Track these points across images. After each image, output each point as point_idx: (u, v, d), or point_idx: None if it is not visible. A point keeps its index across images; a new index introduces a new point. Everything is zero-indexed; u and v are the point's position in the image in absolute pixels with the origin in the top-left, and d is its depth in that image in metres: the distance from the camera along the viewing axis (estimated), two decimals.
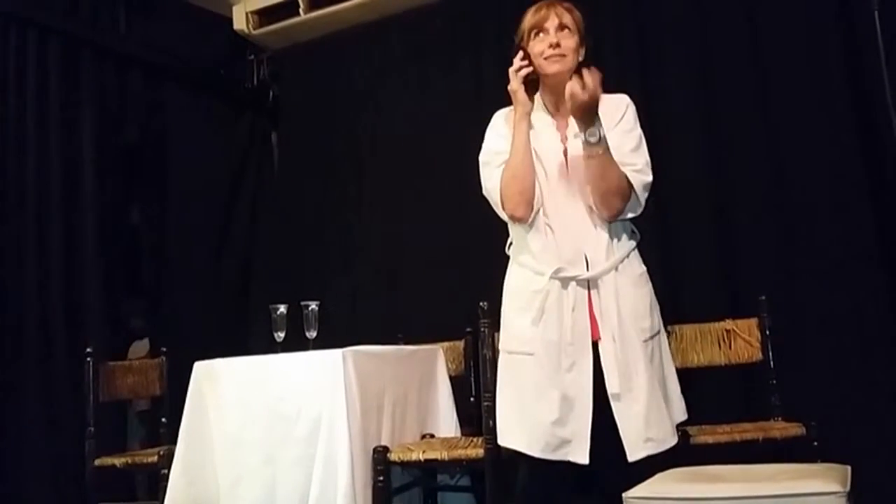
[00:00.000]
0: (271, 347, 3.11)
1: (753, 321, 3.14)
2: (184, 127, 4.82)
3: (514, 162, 2.19)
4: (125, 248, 4.43)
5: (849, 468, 2.05)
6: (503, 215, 2.25)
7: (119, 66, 4.46)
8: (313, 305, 3.14)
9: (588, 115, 2.09)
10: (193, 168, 4.81)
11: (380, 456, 2.75)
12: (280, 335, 3.12)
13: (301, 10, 4.76)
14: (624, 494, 2.10)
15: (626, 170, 2.15)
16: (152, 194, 4.72)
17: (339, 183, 4.80)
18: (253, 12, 4.92)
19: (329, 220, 4.80)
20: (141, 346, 4.85)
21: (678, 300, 3.64)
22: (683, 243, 3.76)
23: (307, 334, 3.12)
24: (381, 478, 2.73)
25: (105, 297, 4.11)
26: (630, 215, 2.20)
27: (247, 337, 4.66)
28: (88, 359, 3.35)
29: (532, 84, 2.20)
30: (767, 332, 3.10)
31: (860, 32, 3.43)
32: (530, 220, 2.21)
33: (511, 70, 2.20)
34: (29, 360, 3.77)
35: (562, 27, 2.20)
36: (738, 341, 3.14)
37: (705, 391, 3.48)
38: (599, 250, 2.17)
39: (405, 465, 2.82)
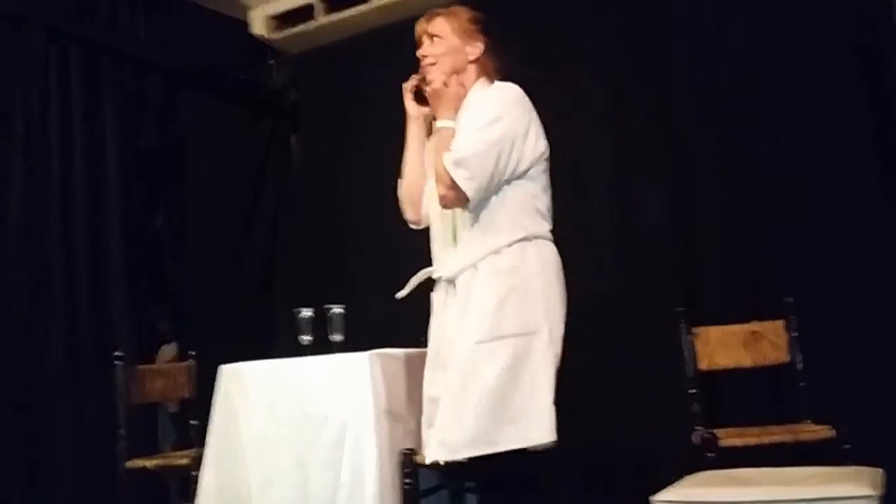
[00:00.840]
0: (297, 350, 3.13)
1: (780, 323, 3.12)
2: (204, 132, 4.85)
3: (403, 168, 2.37)
4: (150, 253, 4.47)
5: (881, 471, 2.04)
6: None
7: (139, 71, 4.49)
8: (337, 308, 3.16)
9: (437, 106, 2.22)
10: (214, 172, 4.86)
11: (407, 458, 2.75)
12: (305, 338, 3.13)
13: (318, 15, 4.79)
14: (651, 498, 2.11)
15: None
16: (174, 199, 4.76)
17: (359, 185, 4.81)
18: (271, 17, 4.96)
19: (351, 222, 4.82)
20: (169, 350, 4.90)
21: (703, 302, 3.64)
22: (707, 244, 3.75)
23: (332, 337, 3.14)
24: (409, 480, 2.74)
25: (132, 301, 4.14)
26: (466, 205, 2.13)
27: (272, 340, 4.70)
28: (118, 362, 3.39)
29: (420, 95, 2.36)
30: (795, 334, 3.08)
31: (879, 29, 3.41)
32: (421, 223, 2.35)
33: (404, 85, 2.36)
34: (58, 364, 3.81)
35: (430, 37, 2.30)
36: (764, 343, 3.13)
37: (732, 394, 3.48)
38: (462, 249, 2.18)
39: (432, 467, 2.83)
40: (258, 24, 4.97)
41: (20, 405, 3.65)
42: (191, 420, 3.59)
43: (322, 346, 3.10)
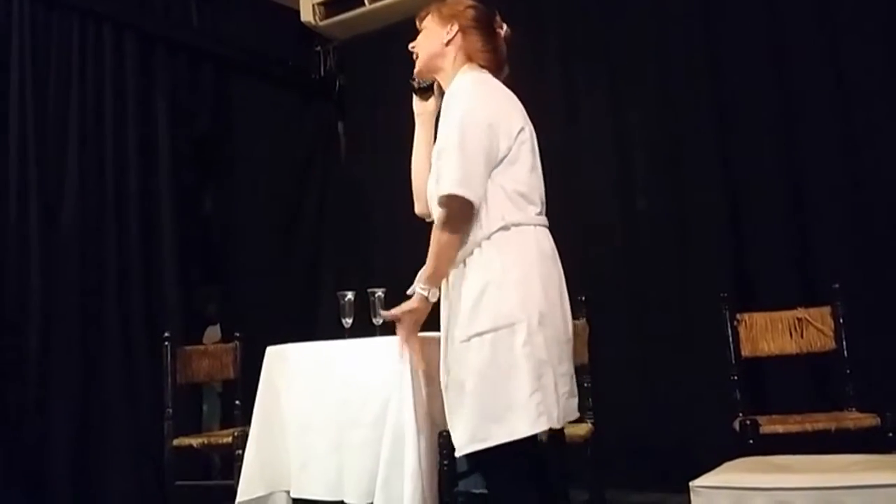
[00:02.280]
0: (339, 333, 3.16)
1: (826, 309, 3.06)
2: (253, 118, 4.93)
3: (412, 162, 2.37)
4: (198, 237, 4.57)
5: None
6: None
7: (191, 59, 4.59)
8: (380, 292, 3.18)
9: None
10: (263, 158, 4.94)
11: (445, 440, 2.77)
12: (348, 321, 3.16)
13: (366, 1, 4.81)
14: (691, 483, 2.10)
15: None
16: (223, 184, 4.85)
17: (404, 170, 4.83)
18: (319, 4, 5.00)
19: (395, 207, 4.84)
20: (214, 332, 4.99)
21: (749, 288, 3.59)
22: (754, 229, 3.70)
23: (374, 320, 3.16)
24: (447, 462, 2.75)
25: (180, 284, 4.25)
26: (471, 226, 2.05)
27: (315, 323, 4.76)
28: (166, 343, 3.46)
29: (421, 89, 2.38)
30: (841, 321, 3.01)
31: None
32: (430, 217, 2.27)
33: None
34: (110, 345, 3.94)
35: (421, 30, 2.30)
36: (810, 330, 3.06)
37: (776, 380, 3.43)
38: None
39: None
40: (307, 11, 5.02)
41: (76, 382, 3.78)
42: (235, 400, 3.66)
43: (365, 329, 3.13)
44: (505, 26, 2.27)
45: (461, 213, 2.03)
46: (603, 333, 3.30)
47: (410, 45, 2.29)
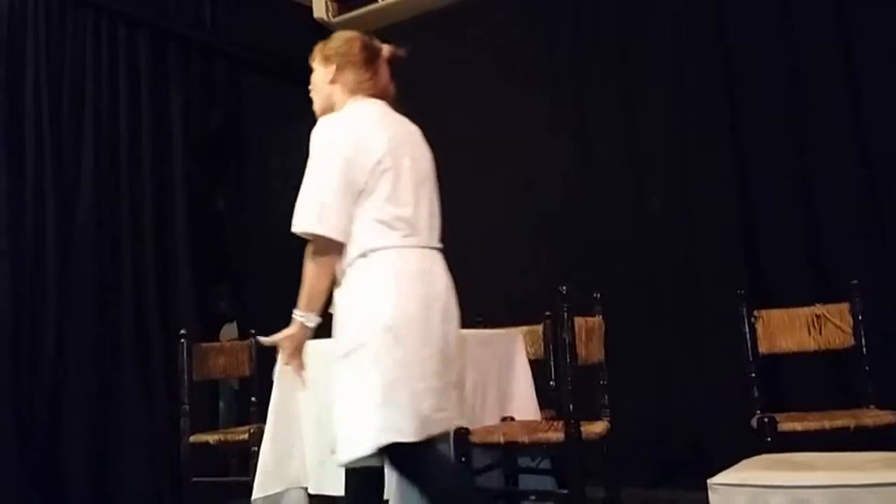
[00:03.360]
0: None
1: (845, 306, 3.03)
2: (266, 115, 4.94)
3: None
4: (213, 234, 4.58)
5: None
6: None
7: (204, 56, 4.60)
8: None
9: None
10: (275, 155, 4.94)
11: (461, 437, 2.77)
12: None
13: None
14: (708, 481, 2.09)
15: None
16: (237, 181, 4.86)
17: None
18: (332, 0, 4.99)
19: None
20: (230, 329, 5.01)
21: (766, 285, 3.57)
22: (771, 226, 3.68)
23: None
24: (463, 459, 2.75)
25: (196, 281, 4.27)
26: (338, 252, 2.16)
27: (331, 319, 4.75)
28: (182, 340, 3.48)
29: None
30: (860, 318, 2.98)
31: None
32: None
33: None
34: (127, 342, 3.96)
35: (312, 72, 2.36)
36: (828, 326, 3.03)
37: (793, 377, 3.41)
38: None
39: (486, 447, 2.84)
40: (319, 8, 5.02)
41: (93, 379, 3.80)
42: (251, 397, 3.67)
43: None
44: (385, 47, 2.34)
45: (322, 247, 2.16)
46: (619, 331, 3.29)
47: (310, 87, 2.36)
